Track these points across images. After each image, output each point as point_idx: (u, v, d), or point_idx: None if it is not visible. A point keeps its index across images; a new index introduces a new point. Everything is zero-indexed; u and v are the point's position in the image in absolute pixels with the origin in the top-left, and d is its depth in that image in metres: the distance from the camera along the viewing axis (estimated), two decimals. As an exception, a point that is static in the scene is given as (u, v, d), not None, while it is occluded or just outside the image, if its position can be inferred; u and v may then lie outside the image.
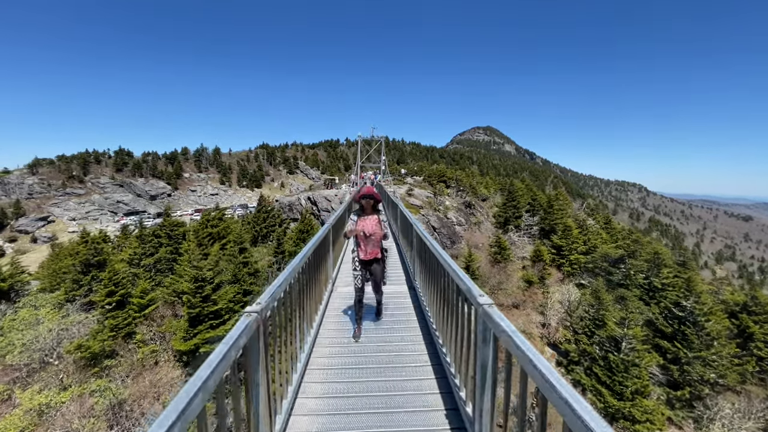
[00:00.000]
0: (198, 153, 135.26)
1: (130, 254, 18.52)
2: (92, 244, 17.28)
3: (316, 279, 4.69)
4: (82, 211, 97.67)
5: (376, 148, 48.11)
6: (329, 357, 4.08)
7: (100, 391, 13.74)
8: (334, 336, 4.66)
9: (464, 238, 36.66)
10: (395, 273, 7.62)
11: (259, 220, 27.46)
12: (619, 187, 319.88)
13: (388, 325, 4.97)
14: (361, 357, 4.07)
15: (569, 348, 19.90)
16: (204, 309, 14.33)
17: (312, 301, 4.36)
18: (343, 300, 5.96)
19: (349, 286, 6.43)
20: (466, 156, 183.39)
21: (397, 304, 5.78)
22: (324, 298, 5.45)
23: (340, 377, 3.65)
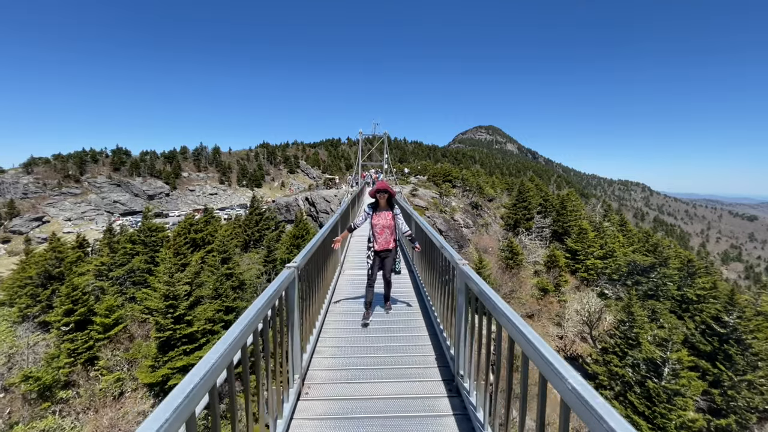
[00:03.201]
0: (197, 152, 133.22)
1: (97, 265, 16.30)
2: (53, 252, 15.09)
3: (325, 264, 5.14)
4: (77, 211, 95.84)
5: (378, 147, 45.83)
6: (342, 323, 4.80)
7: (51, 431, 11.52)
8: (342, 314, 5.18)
9: (472, 242, 34.40)
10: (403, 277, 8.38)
11: (251, 223, 25.18)
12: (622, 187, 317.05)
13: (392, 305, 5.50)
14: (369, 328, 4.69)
15: (597, 369, 17.57)
16: (176, 332, 12.07)
17: (327, 273, 5.27)
18: (351, 282, 6.84)
19: (355, 269, 7.78)
20: (468, 155, 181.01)
21: (398, 284, 6.51)
22: (334, 279, 6.32)
23: (348, 341, 4.23)
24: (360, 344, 4.02)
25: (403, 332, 4.38)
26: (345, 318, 4.89)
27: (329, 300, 5.30)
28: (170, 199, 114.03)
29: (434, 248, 4.32)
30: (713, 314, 19.14)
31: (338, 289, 6.28)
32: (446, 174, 46.35)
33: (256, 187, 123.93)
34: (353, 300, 5.68)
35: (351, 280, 6.97)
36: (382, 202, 5.01)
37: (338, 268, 7.28)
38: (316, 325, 4.05)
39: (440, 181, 44.22)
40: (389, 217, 5.00)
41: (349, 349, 3.91)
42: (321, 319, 4.42)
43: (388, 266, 5.10)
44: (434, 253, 4.38)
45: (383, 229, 4.95)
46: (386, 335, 4.28)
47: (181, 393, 1.12)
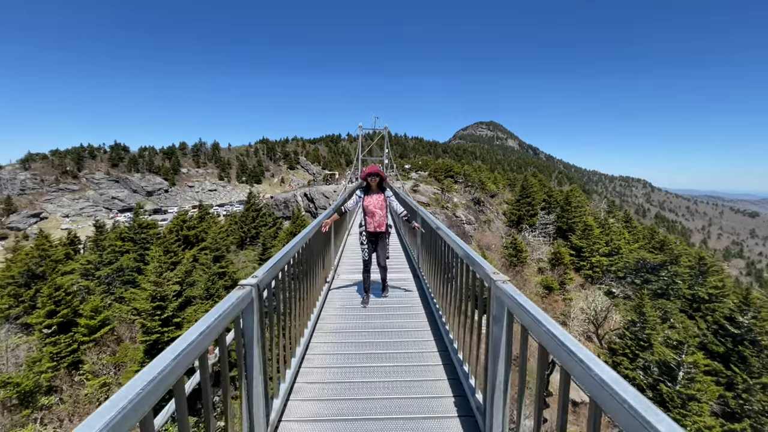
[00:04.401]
0: (196, 148, 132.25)
1: (83, 263, 15.56)
2: (37, 250, 14.35)
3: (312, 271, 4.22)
4: (75, 207, 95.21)
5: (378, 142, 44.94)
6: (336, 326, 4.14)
7: (32, 440, 10.84)
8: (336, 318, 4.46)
9: (474, 239, 33.66)
10: (397, 260, 7.47)
11: (248, 220, 24.42)
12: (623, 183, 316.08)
13: (393, 311, 4.71)
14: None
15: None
16: (164, 335, 11.37)
17: (313, 289, 4.16)
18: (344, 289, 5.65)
19: (350, 274, 6.45)
20: (469, 151, 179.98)
21: (401, 287, 5.59)
22: (323, 291, 5.10)
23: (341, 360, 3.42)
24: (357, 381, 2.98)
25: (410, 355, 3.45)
26: (334, 341, 3.73)
27: (315, 321, 4.05)
28: (169, 195, 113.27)
29: (448, 248, 3.47)
30: (726, 314, 18.43)
31: (329, 302, 5.00)
32: (448, 169, 45.53)
33: (255, 183, 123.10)
34: (345, 323, 4.32)
35: (346, 294, 5.40)
36: (374, 184, 4.95)
37: (331, 273, 5.94)
38: (296, 355, 3.08)
39: (442, 176, 43.42)
40: (381, 199, 4.95)
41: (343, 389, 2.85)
42: (301, 349, 3.31)
43: (382, 250, 5.03)
44: (449, 262, 3.44)
45: (375, 210, 4.90)
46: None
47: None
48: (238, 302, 1.67)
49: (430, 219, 4.67)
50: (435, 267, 4.43)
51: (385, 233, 5.03)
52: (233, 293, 1.72)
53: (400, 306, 4.85)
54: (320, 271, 4.77)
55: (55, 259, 15.14)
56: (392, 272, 6.13)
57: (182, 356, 1.14)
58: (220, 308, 1.51)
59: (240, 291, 1.78)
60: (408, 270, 6.76)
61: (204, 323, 1.33)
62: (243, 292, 1.77)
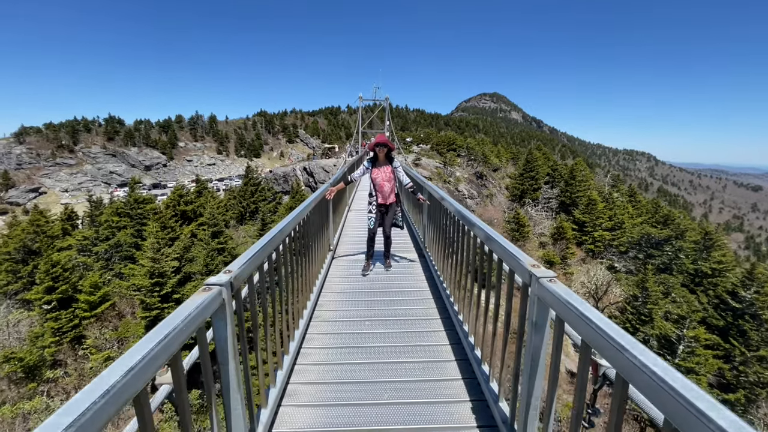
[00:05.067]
0: (193, 121, 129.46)
1: (79, 239, 15.33)
2: (32, 225, 14.08)
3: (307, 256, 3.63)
4: (74, 182, 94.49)
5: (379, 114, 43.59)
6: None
7: (39, 412, 11.02)
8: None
9: (476, 213, 33.31)
10: (402, 240, 6.85)
11: (247, 194, 24.01)
12: (627, 156, 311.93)
13: (398, 296, 4.20)
14: None
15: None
16: (164, 311, 11.29)
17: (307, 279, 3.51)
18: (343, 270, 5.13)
19: (349, 256, 5.95)
20: (472, 124, 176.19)
21: (406, 273, 4.97)
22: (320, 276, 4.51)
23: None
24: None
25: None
26: (333, 331, 3.31)
27: (310, 313, 3.47)
28: (168, 169, 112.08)
29: (462, 231, 3.02)
30: (729, 288, 18.39)
31: (327, 286, 4.44)
32: (450, 143, 44.47)
33: (254, 157, 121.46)
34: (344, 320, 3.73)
35: (344, 276, 4.78)
36: (381, 155, 4.89)
37: (328, 257, 5.21)
38: (289, 351, 2.68)
39: (444, 150, 42.47)
40: (389, 171, 4.93)
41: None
42: (296, 344, 2.86)
43: (388, 221, 5.06)
44: (462, 248, 3.04)
45: (384, 182, 4.89)
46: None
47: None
48: (198, 311, 1.21)
49: (451, 203, 3.84)
50: (443, 248, 4.03)
51: (394, 204, 5.06)
52: (193, 298, 1.26)
53: (403, 279, 4.66)
54: (318, 251, 4.32)
55: (51, 235, 14.90)
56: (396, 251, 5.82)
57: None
58: (172, 323, 1.09)
59: (203, 295, 1.29)
60: (413, 250, 6.21)
61: (138, 353, 0.88)
62: (207, 297, 1.29)
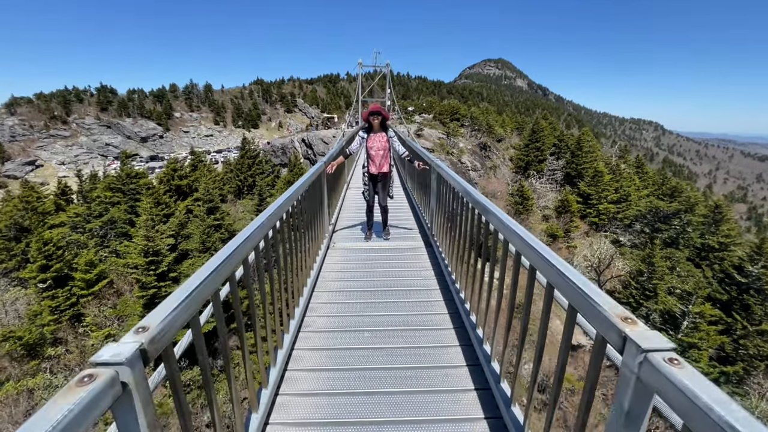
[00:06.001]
0: (188, 90, 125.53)
1: (71, 216, 14.89)
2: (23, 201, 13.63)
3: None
4: (70, 154, 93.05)
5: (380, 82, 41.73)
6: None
7: (42, 389, 11.09)
8: None
9: (479, 186, 32.65)
10: (405, 220, 6.44)
11: (244, 167, 23.29)
12: (633, 126, 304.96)
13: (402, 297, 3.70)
14: None
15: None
16: (161, 290, 11.07)
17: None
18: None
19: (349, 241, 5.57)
20: (476, 92, 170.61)
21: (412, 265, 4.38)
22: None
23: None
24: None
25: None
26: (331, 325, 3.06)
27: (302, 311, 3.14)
28: (164, 141, 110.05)
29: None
30: (736, 263, 18.12)
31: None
32: (454, 112, 42.90)
33: (252, 128, 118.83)
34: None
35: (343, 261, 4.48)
36: (376, 124, 4.86)
37: (326, 240, 4.76)
38: (276, 363, 2.31)
39: (447, 119, 41.03)
40: (384, 140, 4.91)
41: None
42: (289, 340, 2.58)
43: (383, 191, 5.06)
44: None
45: (378, 151, 4.88)
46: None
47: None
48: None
49: (470, 192, 3.15)
50: (458, 246, 3.40)
51: (387, 174, 5.00)
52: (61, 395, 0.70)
53: (408, 274, 4.17)
54: (310, 243, 3.75)
55: (43, 211, 14.47)
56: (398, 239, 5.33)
57: None
58: None
59: (77, 393, 0.70)
60: (418, 236, 5.51)
61: None
62: (86, 394, 0.70)
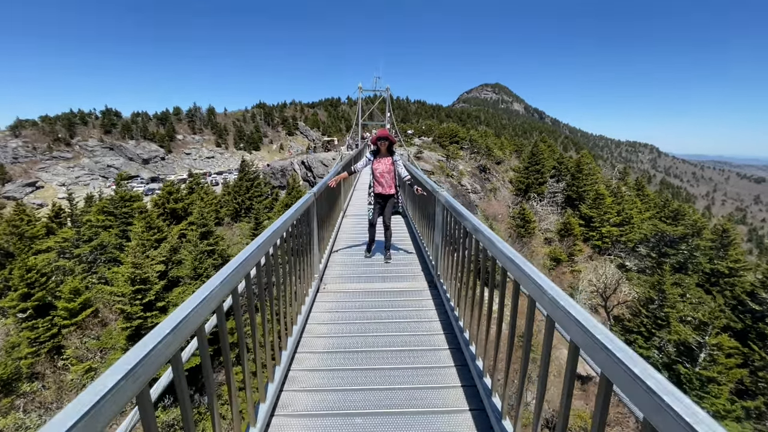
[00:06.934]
0: (191, 113, 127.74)
1: (59, 241, 14.39)
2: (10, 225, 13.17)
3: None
4: (71, 176, 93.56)
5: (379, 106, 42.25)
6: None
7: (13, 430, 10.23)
8: None
9: (480, 208, 32.34)
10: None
11: (241, 190, 23.00)
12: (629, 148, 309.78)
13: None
14: None
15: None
16: (147, 320, 10.41)
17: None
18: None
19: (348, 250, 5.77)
20: (473, 115, 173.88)
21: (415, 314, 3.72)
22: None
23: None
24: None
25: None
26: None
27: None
28: (166, 163, 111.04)
29: None
30: (747, 289, 17.47)
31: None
32: (453, 135, 43.22)
33: (254, 150, 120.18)
34: None
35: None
36: (383, 148, 5.09)
37: (325, 254, 4.89)
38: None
39: (446, 142, 41.24)
40: (389, 163, 5.10)
41: None
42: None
43: (388, 211, 5.18)
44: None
45: (383, 174, 5.08)
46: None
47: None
48: None
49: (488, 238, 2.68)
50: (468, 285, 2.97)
51: (392, 196, 5.16)
52: None
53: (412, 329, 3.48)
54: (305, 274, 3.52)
55: (31, 235, 13.98)
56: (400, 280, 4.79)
57: None
58: None
59: None
60: (421, 275, 4.87)
61: None
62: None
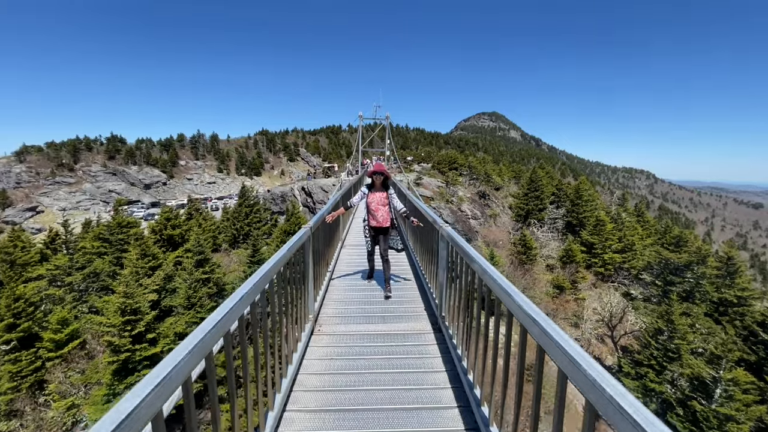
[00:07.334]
0: (195, 140, 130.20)
1: (51, 268, 14.02)
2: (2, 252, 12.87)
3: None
4: (72, 200, 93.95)
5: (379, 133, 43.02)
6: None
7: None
8: None
9: (480, 234, 32.11)
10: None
11: (241, 216, 22.83)
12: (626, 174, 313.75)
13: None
14: None
15: (629, 383, 15.49)
16: (135, 353, 9.91)
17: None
18: None
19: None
20: (472, 142, 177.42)
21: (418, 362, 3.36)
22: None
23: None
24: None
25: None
26: None
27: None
28: (167, 188, 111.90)
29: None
30: (758, 319, 16.94)
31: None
32: (452, 161, 43.70)
33: (255, 175, 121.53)
34: None
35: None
36: (378, 182, 5.18)
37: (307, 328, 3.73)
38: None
39: (446, 168, 41.64)
40: (384, 197, 5.19)
41: None
42: None
43: (384, 244, 5.22)
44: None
45: (378, 206, 5.16)
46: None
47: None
48: None
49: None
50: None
51: (388, 228, 5.22)
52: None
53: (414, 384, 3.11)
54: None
55: (24, 263, 13.63)
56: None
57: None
58: None
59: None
60: (424, 315, 4.59)
61: None
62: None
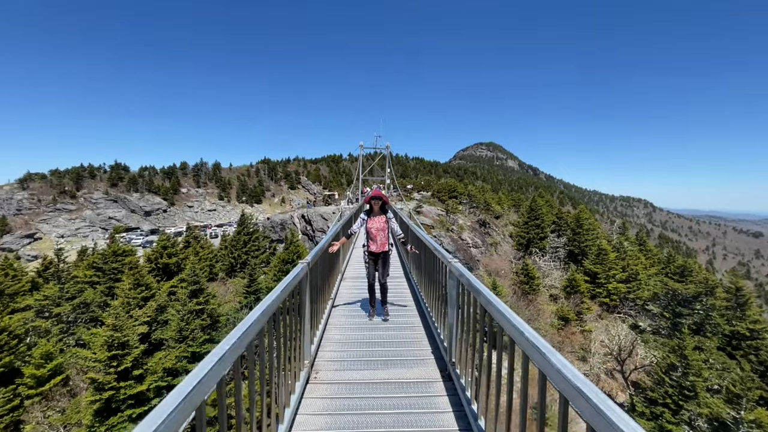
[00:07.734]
0: (197, 168, 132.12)
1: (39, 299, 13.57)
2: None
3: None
4: (71, 227, 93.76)
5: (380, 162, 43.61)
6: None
7: None
8: None
9: (482, 263, 31.64)
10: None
11: (239, 244, 22.52)
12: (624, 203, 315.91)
13: None
14: None
15: (644, 424, 14.57)
16: (119, 391, 9.32)
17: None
18: None
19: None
20: (470, 171, 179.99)
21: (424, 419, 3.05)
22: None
23: None
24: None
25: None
26: None
27: None
28: (168, 215, 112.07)
29: None
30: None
31: None
32: (451, 190, 43.96)
33: (256, 203, 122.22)
34: None
35: None
36: (376, 207, 5.29)
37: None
38: None
39: (445, 197, 41.81)
40: (383, 221, 5.29)
41: None
42: None
43: (383, 268, 5.26)
44: None
45: (378, 231, 5.25)
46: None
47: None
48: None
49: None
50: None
51: (387, 252, 5.32)
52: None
53: None
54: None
55: (13, 292, 13.18)
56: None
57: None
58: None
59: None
60: (431, 359, 4.48)
61: None
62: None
